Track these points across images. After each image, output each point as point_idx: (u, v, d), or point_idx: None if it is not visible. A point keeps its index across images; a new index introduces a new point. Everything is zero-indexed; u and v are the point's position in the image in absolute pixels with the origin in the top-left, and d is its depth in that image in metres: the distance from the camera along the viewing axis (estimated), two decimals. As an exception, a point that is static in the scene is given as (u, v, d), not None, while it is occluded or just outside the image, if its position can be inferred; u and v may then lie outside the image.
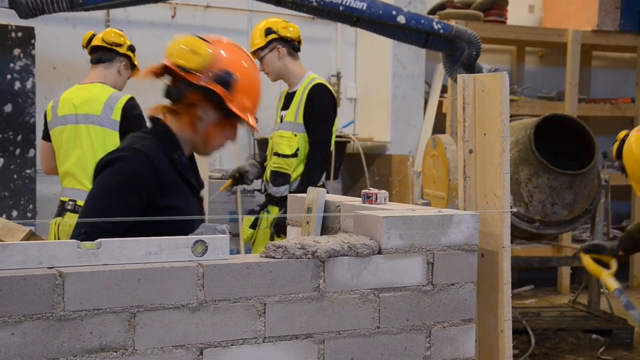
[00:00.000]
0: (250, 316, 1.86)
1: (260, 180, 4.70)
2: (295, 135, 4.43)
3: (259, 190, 4.72)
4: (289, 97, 4.56)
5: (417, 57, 6.84)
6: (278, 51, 4.49)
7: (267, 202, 4.62)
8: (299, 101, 4.46)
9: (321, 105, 4.44)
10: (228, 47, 2.47)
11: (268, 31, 4.48)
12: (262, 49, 4.47)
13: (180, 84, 2.43)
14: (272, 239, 4.53)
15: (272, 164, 4.50)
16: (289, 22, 4.59)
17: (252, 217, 4.62)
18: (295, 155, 4.42)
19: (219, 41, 2.48)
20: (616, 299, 4.31)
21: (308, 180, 4.34)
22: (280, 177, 4.46)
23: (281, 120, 4.54)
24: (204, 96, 2.41)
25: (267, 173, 4.54)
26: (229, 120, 2.47)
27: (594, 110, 7.55)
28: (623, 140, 4.03)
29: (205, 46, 2.40)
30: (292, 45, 4.53)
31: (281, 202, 4.47)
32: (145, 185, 2.35)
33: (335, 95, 4.60)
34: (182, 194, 2.44)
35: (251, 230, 4.61)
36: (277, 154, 4.47)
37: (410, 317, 2.05)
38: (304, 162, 4.44)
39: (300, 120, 4.44)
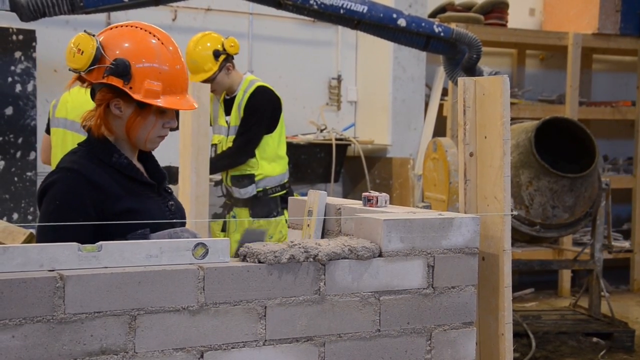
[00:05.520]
0: (250, 319, 1.86)
1: (219, 187, 4.74)
2: None
3: (223, 196, 4.75)
4: (228, 103, 4.62)
5: (418, 60, 6.84)
6: (228, 69, 4.56)
7: (232, 205, 4.64)
8: (239, 105, 4.53)
9: (258, 106, 4.49)
10: (119, 32, 2.31)
11: (217, 53, 4.51)
12: (215, 72, 4.52)
13: (92, 86, 2.32)
14: None
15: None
16: (229, 37, 4.62)
17: (221, 222, 4.65)
18: (253, 155, 4.50)
19: (110, 29, 2.33)
20: None
21: (212, 165, 4.16)
22: (244, 179, 4.51)
23: (228, 126, 4.59)
24: (110, 93, 2.26)
25: (227, 179, 4.56)
26: (148, 108, 2.28)
27: (595, 114, 7.55)
28: None
29: (90, 41, 2.23)
30: (233, 57, 4.61)
31: (250, 202, 4.52)
32: (88, 200, 2.22)
33: (277, 95, 4.62)
34: (133, 196, 2.31)
35: (223, 234, 4.63)
36: None
37: (410, 320, 2.05)
38: (265, 159, 4.52)
39: None
